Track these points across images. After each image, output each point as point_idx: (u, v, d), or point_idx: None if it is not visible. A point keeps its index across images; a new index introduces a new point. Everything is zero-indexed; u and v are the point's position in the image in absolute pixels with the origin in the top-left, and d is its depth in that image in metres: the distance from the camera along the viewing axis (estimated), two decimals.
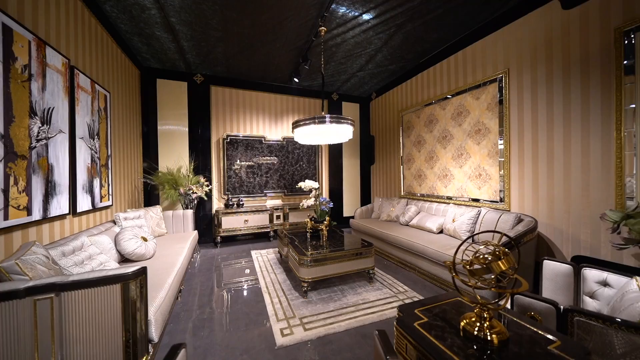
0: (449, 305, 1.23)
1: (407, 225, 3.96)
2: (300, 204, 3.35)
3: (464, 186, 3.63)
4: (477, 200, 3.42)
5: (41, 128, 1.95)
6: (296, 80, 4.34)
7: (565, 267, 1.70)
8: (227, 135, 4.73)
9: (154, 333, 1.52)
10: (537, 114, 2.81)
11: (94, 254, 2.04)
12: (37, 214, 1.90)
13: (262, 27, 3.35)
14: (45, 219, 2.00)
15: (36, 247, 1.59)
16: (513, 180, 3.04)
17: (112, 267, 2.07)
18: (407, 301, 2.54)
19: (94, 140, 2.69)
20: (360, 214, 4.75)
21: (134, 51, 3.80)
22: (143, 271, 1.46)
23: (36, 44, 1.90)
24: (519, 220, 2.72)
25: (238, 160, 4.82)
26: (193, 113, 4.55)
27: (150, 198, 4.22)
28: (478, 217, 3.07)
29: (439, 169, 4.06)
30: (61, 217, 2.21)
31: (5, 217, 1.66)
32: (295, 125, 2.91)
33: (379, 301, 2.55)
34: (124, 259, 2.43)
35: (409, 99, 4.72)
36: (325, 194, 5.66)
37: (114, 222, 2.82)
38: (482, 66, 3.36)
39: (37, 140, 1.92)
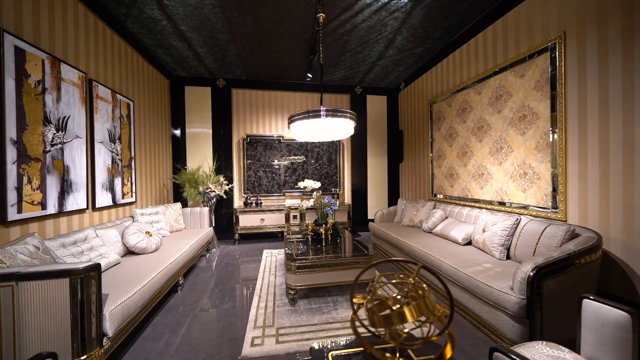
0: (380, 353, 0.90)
1: (430, 232, 3.39)
2: (299, 205, 3.18)
3: (505, 188, 2.90)
4: (525, 207, 2.68)
5: (56, 134, 2.25)
6: (309, 76, 4.17)
7: (618, 315, 1.12)
8: (247, 136, 4.87)
9: (109, 328, 1.56)
10: (607, 89, 2.02)
11: (96, 245, 2.27)
12: (52, 209, 2.20)
13: (264, 24, 3.28)
14: (62, 212, 2.31)
15: (32, 238, 1.81)
16: (571, 180, 2.27)
17: (110, 258, 2.27)
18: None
19: (115, 144, 3.03)
20: (380, 217, 4.30)
21: (162, 62, 4.19)
22: (94, 267, 1.51)
23: (50, 62, 2.20)
24: (573, 235, 2.00)
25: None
26: (216, 115, 4.82)
27: (180, 196, 4.62)
28: (516, 227, 2.39)
29: (473, 167, 3.36)
30: (80, 211, 2.53)
31: (19, 211, 1.94)
32: (290, 120, 2.75)
33: None
34: (129, 252, 2.66)
35: (439, 85, 4.06)
36: (347, 194, 5.35)
37: (132, 218, 3.13)
38: (528, 34, 2.61)
39: (52, 145, 2.22)
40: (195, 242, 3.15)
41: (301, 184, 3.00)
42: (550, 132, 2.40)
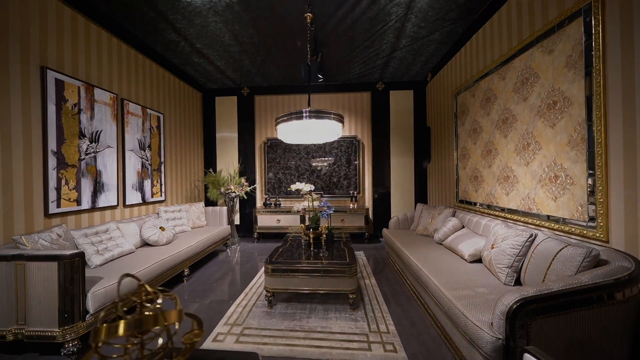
0: None
1: (441, 244, 2.93)
2: (292, 209, 3.16)
3: (532, 195, 2.30)
4: (556, 219, 2.08)
5: (90, 145, 2.80)
6: (320, 77, 4.11)
7: None
8: (268, 139, 5.11)
9: (91, 306, 1.86)
10: None
11: (115, 236, 2.73)
12: (86, 205, 2.75)
13: (266, 32, 3.40)
14: (95, 208, 2.86)
15: (58, 228, 2.30)
16: (614, 187, 1.66)
17: (124, 248, 2.70)
18: (374, 346, 1.90)
19: (144, 151, 3.58)
20: (395, 223, 3.93)
21: (194, 78, 4.76)
22: (78, 255, 1.82)
23: (85, 88, 2.75)
24: (597, 262, 1.46)
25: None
26: (241, 121, 5.21)
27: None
28: (529, 245, 1.87)
29: (498, 168, 2.77)
30: (112, 207, 3.08)
31: (58, 206, 2.49)
32: (276, 122, 2.77)
33: (339, 335, 2.04)
34: (146, 244, 3.10)
35: (462, 74, 3.49)
36: (367, 197, 5.06)
37: (157, 214, 3.65)
38: None
39: (86, 154, 2.77)
40: (203, 239, 3.47)
41: (293, 187, 2.98)
42: (587, 122, 1.80)
